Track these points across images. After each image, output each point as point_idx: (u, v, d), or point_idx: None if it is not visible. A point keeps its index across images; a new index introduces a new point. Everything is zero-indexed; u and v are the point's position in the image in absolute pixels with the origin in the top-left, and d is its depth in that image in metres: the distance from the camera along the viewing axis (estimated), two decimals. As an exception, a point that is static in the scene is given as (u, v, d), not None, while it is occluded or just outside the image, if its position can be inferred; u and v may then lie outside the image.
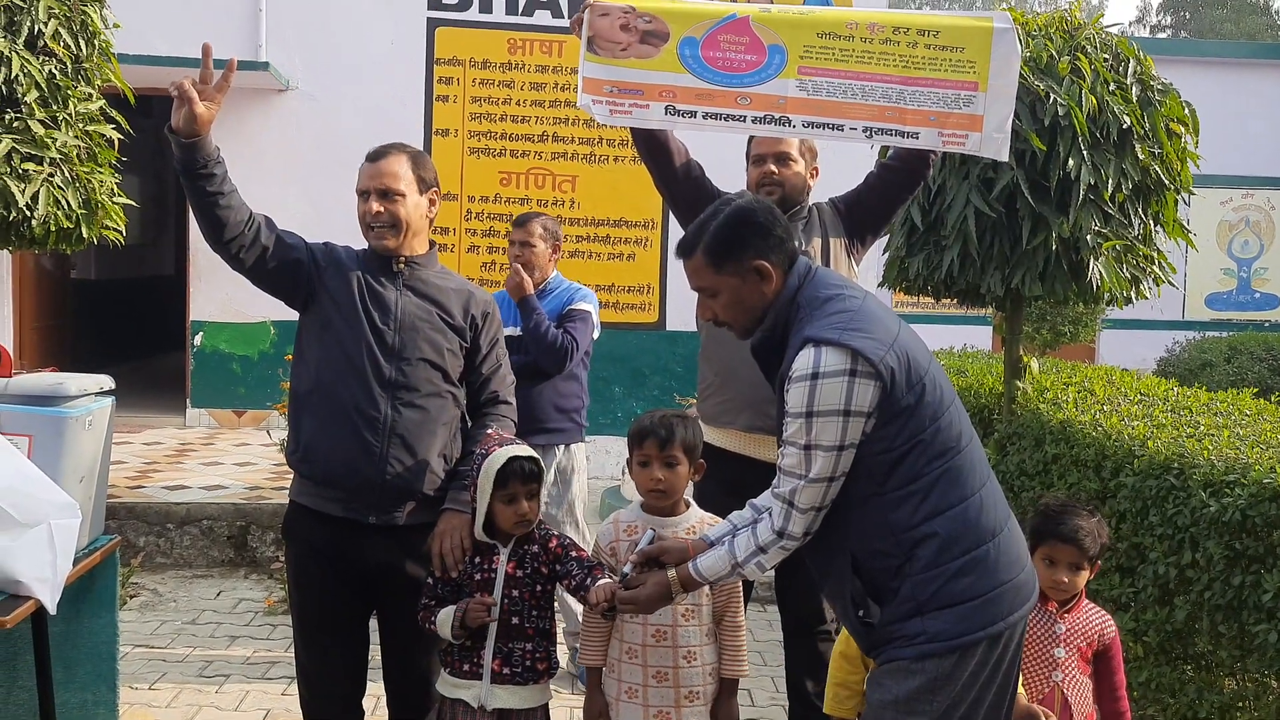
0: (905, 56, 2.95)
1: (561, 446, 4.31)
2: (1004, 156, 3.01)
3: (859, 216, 3.37)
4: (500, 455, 2.58)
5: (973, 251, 4.28)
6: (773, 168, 3.25)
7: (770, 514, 2.20)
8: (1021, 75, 4.00)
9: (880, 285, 5.23)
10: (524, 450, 2.63)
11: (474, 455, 2.69)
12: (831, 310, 2.16)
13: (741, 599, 2.73)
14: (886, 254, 4.87)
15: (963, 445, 2.16)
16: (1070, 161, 4.09)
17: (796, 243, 3.18)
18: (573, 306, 4.25)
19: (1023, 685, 2.69)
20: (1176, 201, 4.44)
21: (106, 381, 2.59)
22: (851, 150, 4.37)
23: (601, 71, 2.99)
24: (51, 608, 2.09)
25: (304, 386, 2.77)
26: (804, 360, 2.10)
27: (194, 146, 2.45)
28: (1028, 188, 4.15)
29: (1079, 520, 2.74)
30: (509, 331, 4.16)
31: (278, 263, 2.69)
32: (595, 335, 4.35)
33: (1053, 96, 4.10)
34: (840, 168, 4.36)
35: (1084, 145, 4.11)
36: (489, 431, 2.76)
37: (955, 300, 4.81)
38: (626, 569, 2.42)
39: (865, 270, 5.10)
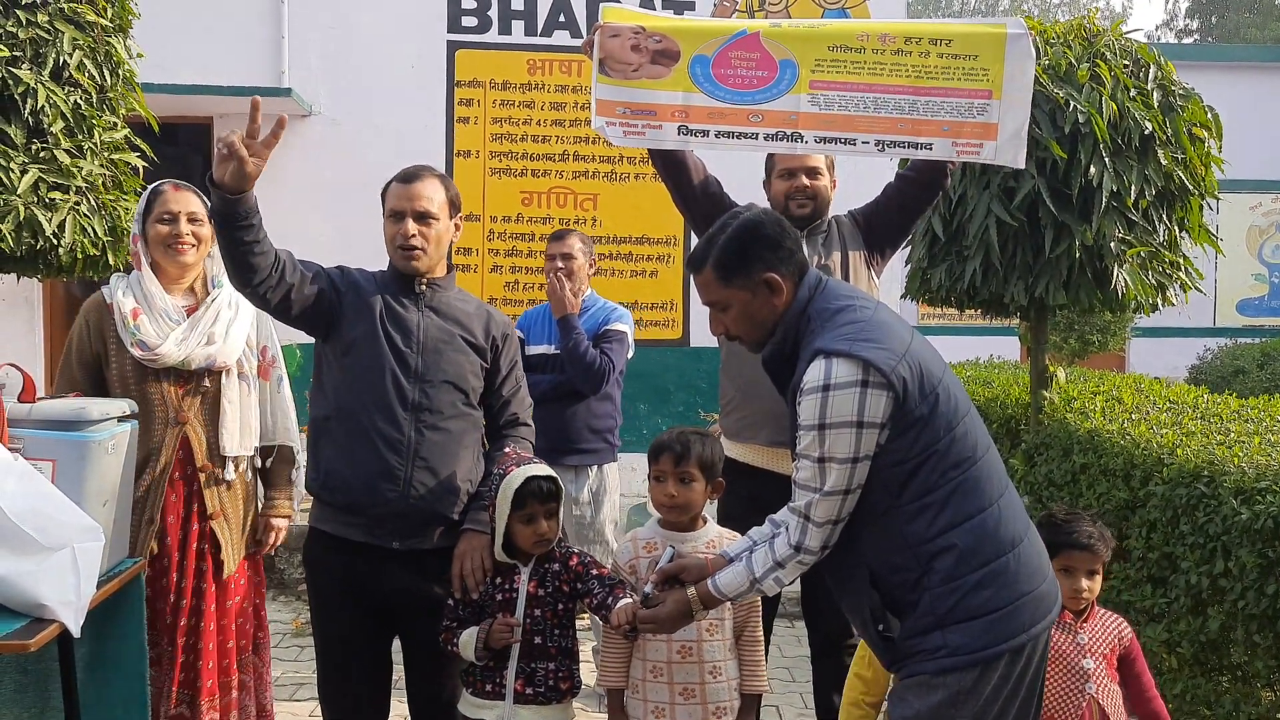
0: (918, 66, 2.93)
1: (594, 467, 4.26)
2: (1021, 164, 2.99)
3: (878, 229, 3.36)
4: (518, 475, 2.58)
5: (995, 261, 4.25)
6: (805, 181, 3.25)
7: (787, 529, 2.18)
8: (1040, 83, 3.98)
9: (903, 297, 5.20)
10: (542, 470, 2.62)
11: (492, 476, 2.68)
12: (842, 321, 2.14)
13: (760, 614, 2.71)
14: (908, 265, 4.84)
15: (979, 456, 2.13)
16: (1092, 169, 4.06)
17: (816, 256, 3.20)
18: (610, 327, 4.21)
19: (1057, 703, 2.66)
20: (1202, 207, 4.40)
21: (129, 406, 2.61)
22: (870, 161, 4.36)
23: (614, 93, 2.99)
24: (75, 630, 2.10)
25: (323, 412, 2.77)
26: (815, 372, 2.08)
27: (238, 201, 2.43)
28: (1049, 196, 4.12)
29: (1088, 526, 2.74)
30: (544, 350, 4.15)
31: (302, 297, 2.68)
32: (629, 355, 4.32)
33: (1072, 104, 4.07)
34: (859, 179, 4.35)
35: (1105, 152, 4.08)
36: (506, 451, 2.75)
37: (979, 311, 4.77)
38: (648, 589, 2.41)
39: (887, 282, 5.08)
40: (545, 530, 2.60)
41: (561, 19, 8.64)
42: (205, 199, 3.14)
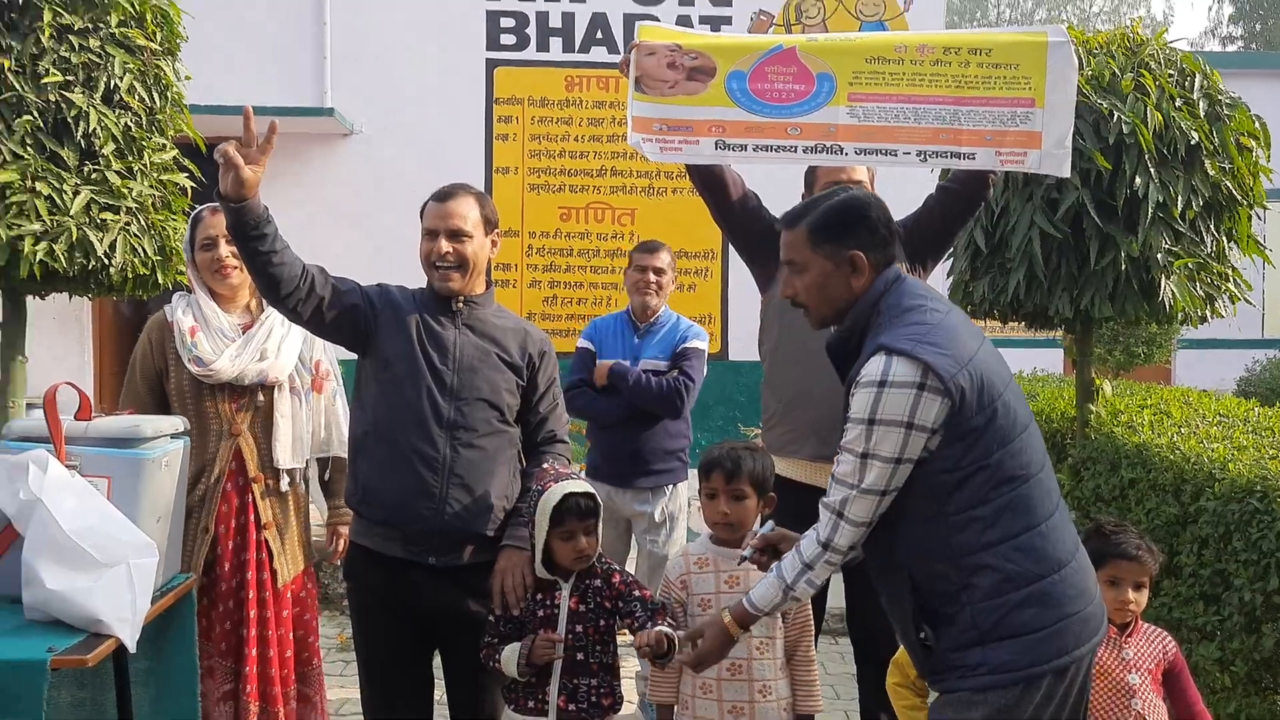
0: (958, 76, 2.91)
1: (669, 486, 4.17)
2: (1065, 173, 2.96)
3: (919, 240, 3.33)
4: (556, 492, 2.58)
5: (1039, 273, 4.21)
6: None
7: (817, 526, 2.16)
8: (1083, 93, 3.95)
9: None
10: (580, 486, 2.62)
11: (530, 492, 2.70)
12: (911, 320, 2.11)
13: (812, 632, 2.69)
14: (950, 278, 4.82)
15: (1033, 473, 2.10)
16: (1137, 179, 4.02)
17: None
18: (687, 345, 4.12)
19: (1102, 719, 2.62)
20: (1250, 217, 4.34)
21: (180, 423, 2.66)
22: (910, 172, 4.35)
23: (650, 110, 2.99)
24: (131, 646, 2.13)
25: (361, 429, 2.80)
26: (874, 366, 2.06)
27: (243, 210, 2.47)
28: (1094, 207, 4.09)
29: (1136, 538, 2.71)
30: (624, 362, 4.11)
31: (335, 312, 2.72)
32: (705, 373, 4.21)
33: (1116, 114, 4.03)
34: (899, 191, 4.33)
35: (1151, 163, 4.04)
36: (545, 467, 2.76)
37: (1023, 323, 4.74)
38: (746, 553, 2.40)
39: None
40: (584, 547, 2.60)
41: (599, 35, 8.71)
42: None
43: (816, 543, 2.14)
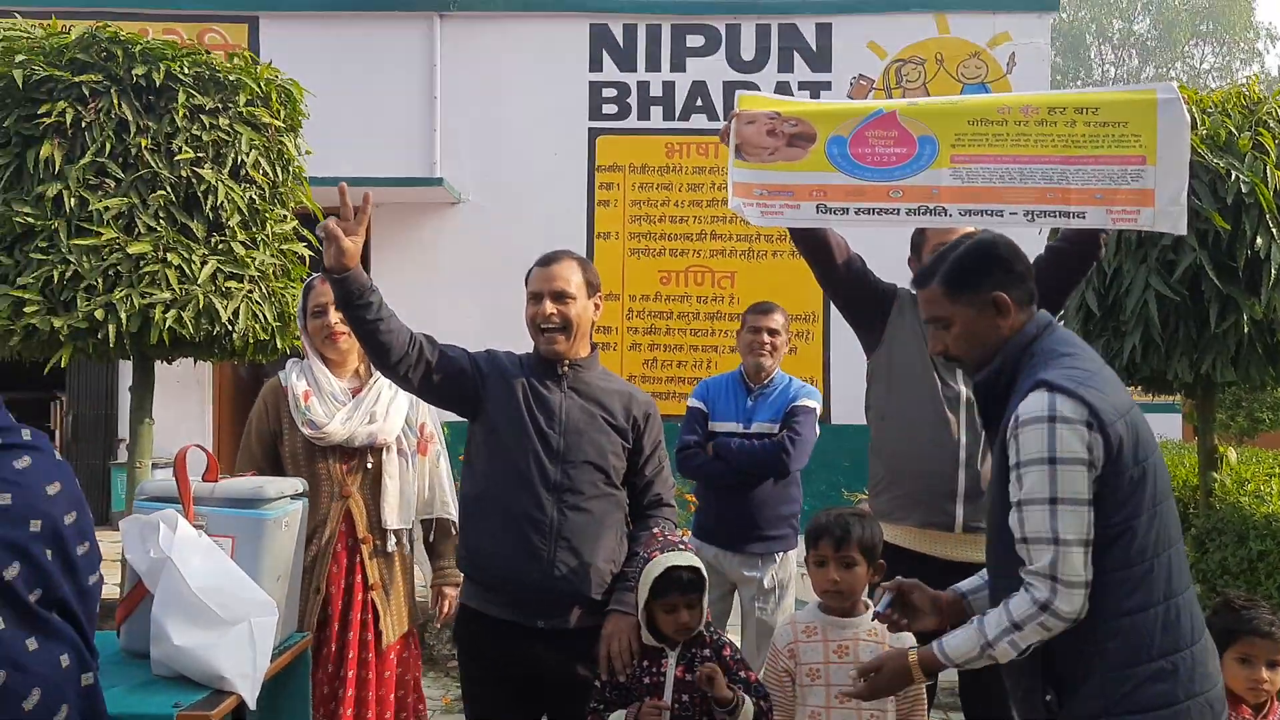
0: (1064, 135, 2.87)
1: (780, 554, 4.11)
2: (1181, 230, 2.87)
3: (1030, 304, 3.27)
4: (658, 565, 2.57)
5: (1156, 336, 4.09)
6: None
7: (1028, 589, 2.00)
8: (1198, 153, 3.86)
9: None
10: (684, 559, 2.60)
11: (638, 557, 2.70)
12: (1067, 365, 2.05)
13: (925, 707, 2.62)
14: (1061, 341, 4.70)
15: (1173, 542, 2.02)
16: (1258, 240, 3.89)
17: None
18: (796, 404, 4.07)
19: None
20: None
21: (300, 484, 2.74)
22: (1016, 233, 4.28)
23: (751, 176, 3.00)
24: (251, 703, 2.19)
25: (472, 492, 2.85)
26: (1038, 402, 1.98)
27: (347, 280, 2.57)
28: (1213, 269, 3.96)
29: (1268, 614, 2.58)
30: (732, 426, 4.11)
31: (443, 376, 2.78)
32: (817, 434, 4.16)
33: (1234, 173, 3.92)
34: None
35: (1272, 222, 3.91)
36: (654, 532, 2.76)
37: (1140, 388, 4.58)
38: (880, 607, 2.31)
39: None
40: (686, 620, 2.58)
41: (699, 102, 8.84)
42: None
43: (1033, 602, 1.97)
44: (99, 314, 4.03)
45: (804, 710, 2.61)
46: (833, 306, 3.61)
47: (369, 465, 3.22)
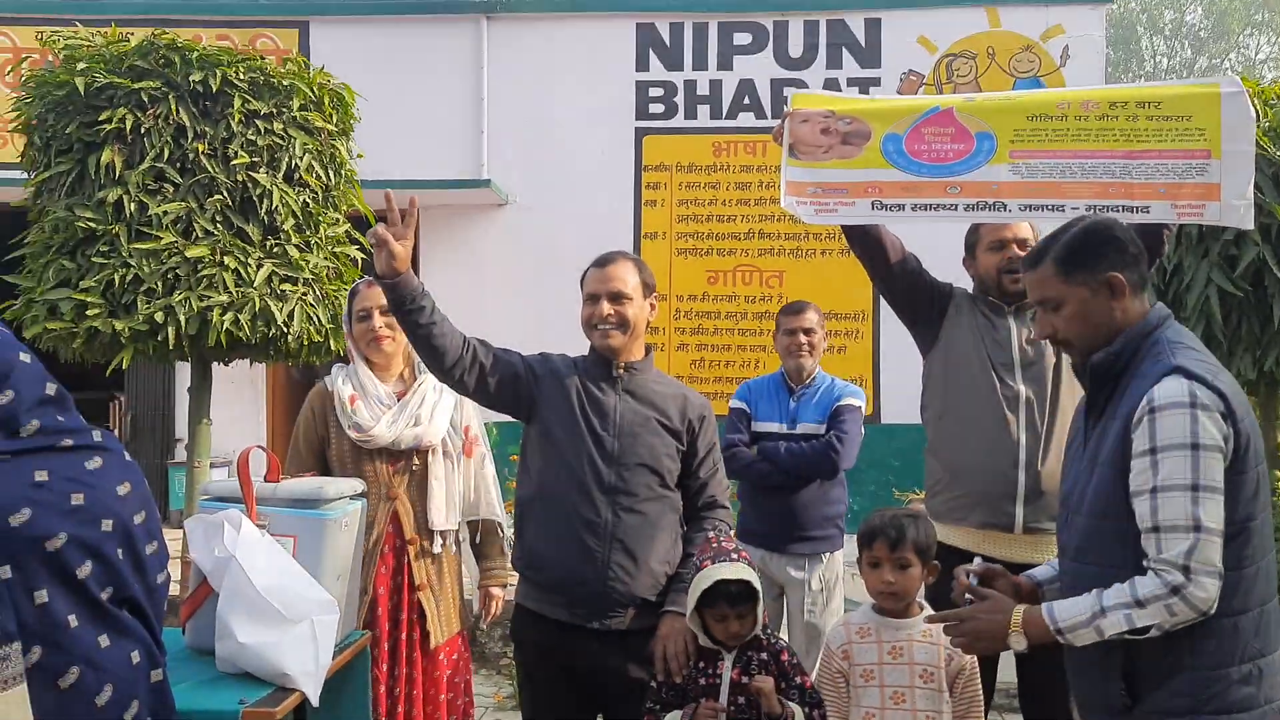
0: (1126, 130, 2.82)
1: (826, 554, 4.07)
2: (1249, 225, 2.82)
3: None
4: (706, 577, 2.55)
5: (1218, 333, 4.01)
6: (1018, 251, 3.15)
7: (1158, 574, 1.91)
8: (1261, 145, 3.78)
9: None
10: (734, 572, 2.55)
11: (690, 562, 2.70)
12: (1196, 357, 2.01)
13: (981, 707, 2.59)
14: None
15: (1270, 549, 1.99)
16: (1324, 233, 3.81)
17: (1025, 331, 3.10)
18: (840, 403, 4.03)
19: None
20: None
21: (359, 485, 2.77)
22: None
23: (805, 175, 2.97)
24: (314, 700, 2.22)
25: (527, 494, 2.86)
26: (1176, 388, 1.93)
27: (398, 285, 2.59)
28: (1276, 263, 3.88)
29: None
30: (775, 427, 4.10)
31: (497, 380, 2.79)
32: (862, 434, 4.12)
33: (1299, 166, 3.84)
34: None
35: (1339, 215, 3.82)
36: (709, 537, 2.75)
37: (1200, 385, 4.50)
38: (972, 581, 2.24)
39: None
40: (736, 629, 2.57)
41: (746, 101, 8.81)
42: None
43: (1164, 585, 1.88)
44: (159, 316, 4.11)
45: (858, 711, 2.60)
46: (883, 305, 3.58)
47: (415, 467, 3.24)
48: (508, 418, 2.93)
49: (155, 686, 1.51)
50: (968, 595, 2.21)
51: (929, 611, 2.60)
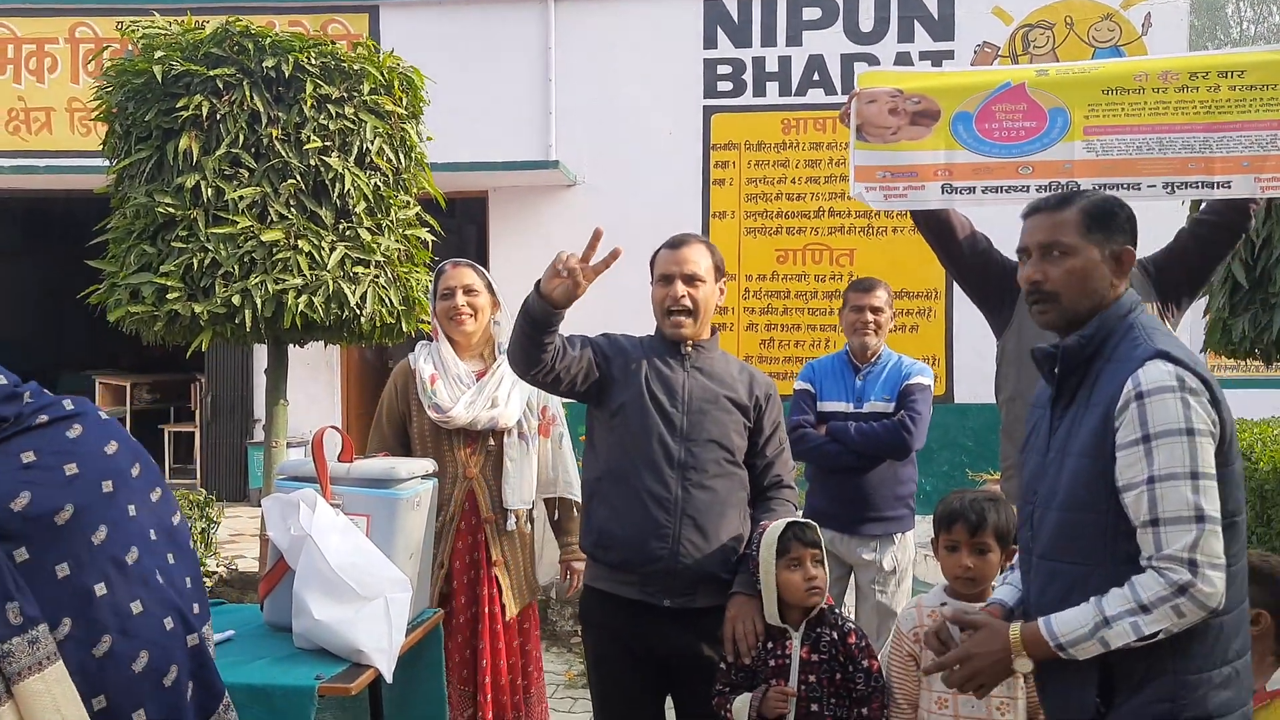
0: (1206, 102, 2.73)
1: (899, 535, 4.02)
2: None
3: (1172, 278, 3.12)
4: (778, 524, 2.59)
5: (1309, 308, 3.87)
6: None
7: (1161, 573, 1.80)
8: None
9: (1201, 351, 4.81)
10: (801, 519, 2.62)
11: (754, 536, 2.69)
12: (1175, 343, 1.93)
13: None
14: (1206, 316, 4.49)
15: (1245, 548, 1.92)
16: None
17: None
18: (910, 382, 3.96)
19: None
20: None
21: (430, 465, 2.81)
22: (1155, 206, 4.10)
23: (873, 158, 2.94)
24: (388, 676, 2.26)
25: (595, 474, 2.86)
26: (1161, 372, 1.83)
27: (556, 315, 2.59)
28: (1372, 236, 3.73)
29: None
30: (839, 406, 4.07)
31: (569, 379, 2.79)
32: (930, 413, 4.03)
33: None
34: (1144, 226, 4.08)
35: None
36: (773, 513, 2.76)
37: (1290, 363, 4.35)
38: (956, 635, 2.15)
39: (1180, 333, 4.72)
40: (815, 575, 2.55)
41: (816, 77, 8.70)
42: (480, 271, 3.38)
43: (1168, 584, 1.77)
44: (236, 299, 4.20)
45: (930, 695, 2.55)
46: (956, 285, 3.51)
47: (490, 448, 3.30)
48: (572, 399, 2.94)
49: (194, 650, 1.47)
50: (953, 633, 2.10)
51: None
